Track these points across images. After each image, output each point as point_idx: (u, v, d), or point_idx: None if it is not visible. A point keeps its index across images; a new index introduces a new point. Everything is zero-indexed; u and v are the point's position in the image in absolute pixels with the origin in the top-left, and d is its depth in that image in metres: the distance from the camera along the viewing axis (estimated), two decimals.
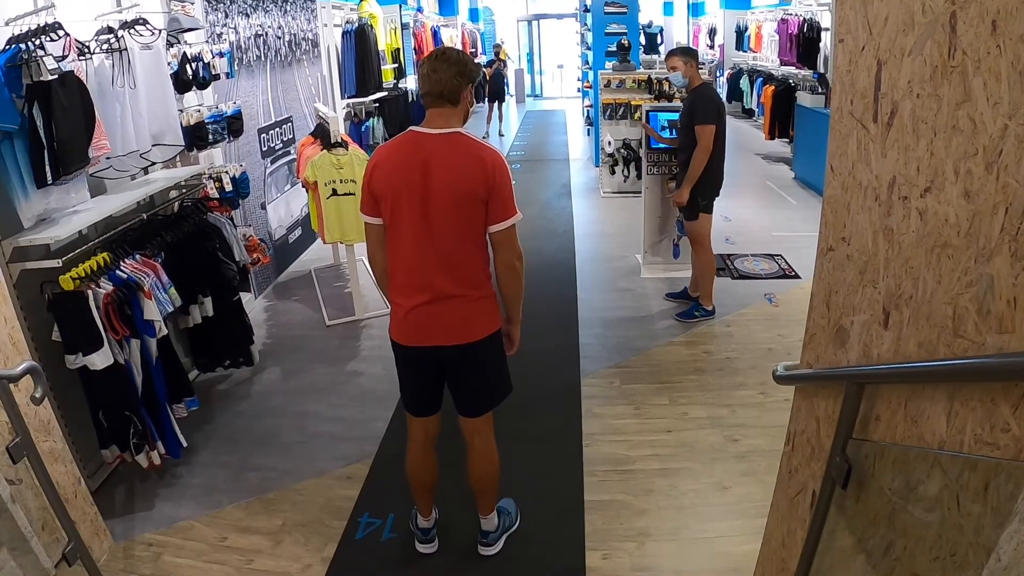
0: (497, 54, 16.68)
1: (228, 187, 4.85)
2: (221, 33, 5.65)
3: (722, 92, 14.19)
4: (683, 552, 3.09)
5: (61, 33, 3.30)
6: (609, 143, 9.21)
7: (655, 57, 10.33)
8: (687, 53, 5.19)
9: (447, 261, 2.59)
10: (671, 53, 5.27)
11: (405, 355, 2.81)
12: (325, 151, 5.39)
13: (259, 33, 6.43)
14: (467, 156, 2.53)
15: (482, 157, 2.53)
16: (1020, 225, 1.13)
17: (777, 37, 11.71)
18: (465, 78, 2.57)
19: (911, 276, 1.48)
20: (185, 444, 3.77)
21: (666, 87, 8.72)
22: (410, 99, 10.76)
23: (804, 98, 10.02)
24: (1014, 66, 1.13)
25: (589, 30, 11.49)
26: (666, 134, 5.98)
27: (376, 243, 2.72)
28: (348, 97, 8.50)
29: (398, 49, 10.12)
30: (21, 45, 3.07)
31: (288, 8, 7.16)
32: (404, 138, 2.63)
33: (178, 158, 4.58)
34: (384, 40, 9.44)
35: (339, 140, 5.44)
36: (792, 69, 11.13)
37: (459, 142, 2.55)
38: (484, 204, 2.54)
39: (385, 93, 9.27)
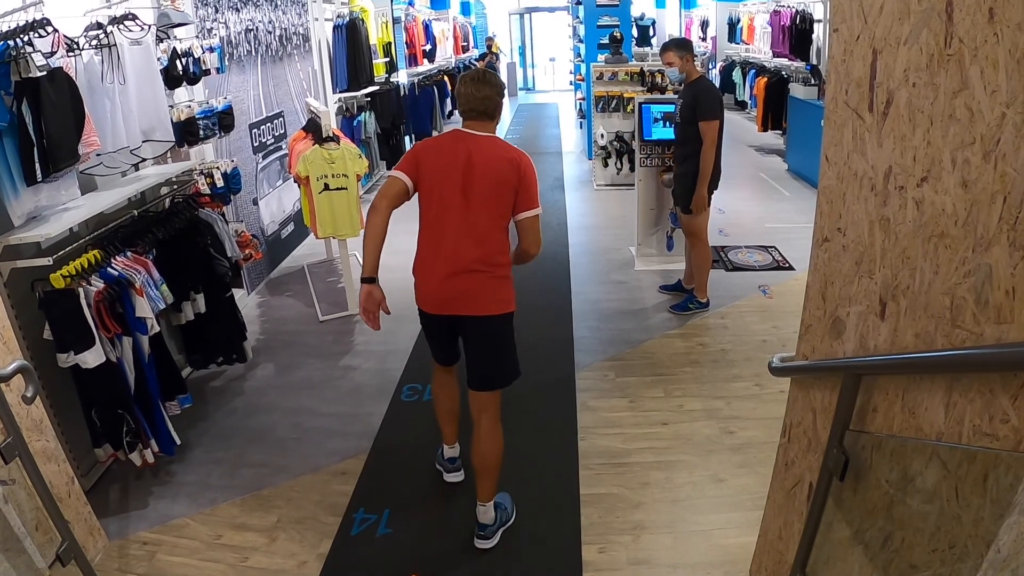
0: (489, 47, 16.65)
1: (219, 183, 4.82)
2: (211, 28, 5.61)
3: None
4: (679, 545, 3.09)
5: (50, 29, 3.26)
6: (602, 136, 9.20)
7: (648, 49, 10.31)
8: (682, 47, 5.12)
9: (478, 236, 2.90)
10: (666, 47, 5.19)
11: (428, 320, 3.13)
12: (317, 146, 5.36)
13: (249, 28, 6.40)
14: (504, 152, 2.96)
15: (515, 157, 2.96)
16: (1018, 214, 1.13)
17: (770, 29, 11.70)
18: (501, 96, 3.05)
19: (908, 266, 1.48)
20: (179, 441, 3.75)
21: (659, 79, 8.70)
22: (402, 93, 10.72)
23: (797, 90, 10.01)
24: (1012, 54, 1.12)
25: (581, 23, 11.45)
26: (658, 127, 5.96)
27: (388, 195, 2.93)
28: (340, 92, 8.45)
29: (390, 43, 10.08)
30: (9, 42, 3.04)
31: (278, 2, 7.12)
32: (450, 133, 3.03)
33: (169, 154, 4.55)
34: (375, 34, 9.40)
35: (331, 135, 5.42)
36: (785, 61, 11.12)
37: (497, 143, 3.00)
38: (515, 192, 2.92)
39: (377, 87, 9.23)
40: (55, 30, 3.30)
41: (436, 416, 3.51)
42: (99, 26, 3.73)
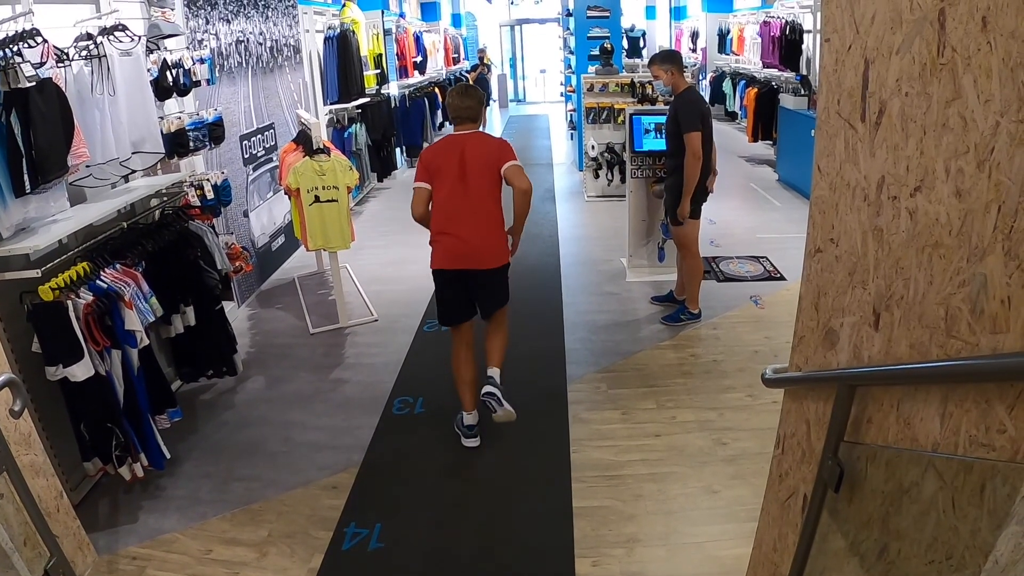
0: (481, 59, 16.69)
1: (210, 195, 4.80)
2: (202, 39, 5.60)
3: (705, 95, 14.23)
4: (673, 557, 3.07)
5: (39, 40, 3.25)
6: (593, 147, 9.21)
7: (638, 61, 10.35)
8: (667, 59, 5.13)
9: (477, 209, 3.75)
10: (652, 61, 5.22)
11: (444, 278, 3.86)
12: (307, 158, 5.35)
13: (240, 39, 6.39)
14: (488, 141, 3.87)
15: (496, 141, 3.91)
16: (1013, 223, 1.12)
17: (759, 40, 11.77)
18: (482, 105, 3.92)
19: (902, 276, 1.47)
20: (168, 455, 3.72)
21: (649, 91, 8.73)
22: (393, 105, 10.72)
23: (787, 100, 10.06)
24: (1005, 62, 1.12)
25: (572, 34, 11.50)
26: (649, 138, 5.98)
27: (420, 202, 3.83)
28: (330, 103, 8.46)
29: (381, 55, 10.09)
30: None
31: (270, 14, 7.12)
32: (446, 137, 3.90)
33: (159, 166, 4.53)
34: (366, 46, 9.41)
35: (321, 147, 5.40)
36: (775, 71, 11.18)
37: (482, 136, 3.88)
38: (500, 164, 3.74)
39: (368, 99, 9.23)
40: (44, 41, 3.29)
41: (456, 385, 4.01)
42: (89, 37, 3.71)
